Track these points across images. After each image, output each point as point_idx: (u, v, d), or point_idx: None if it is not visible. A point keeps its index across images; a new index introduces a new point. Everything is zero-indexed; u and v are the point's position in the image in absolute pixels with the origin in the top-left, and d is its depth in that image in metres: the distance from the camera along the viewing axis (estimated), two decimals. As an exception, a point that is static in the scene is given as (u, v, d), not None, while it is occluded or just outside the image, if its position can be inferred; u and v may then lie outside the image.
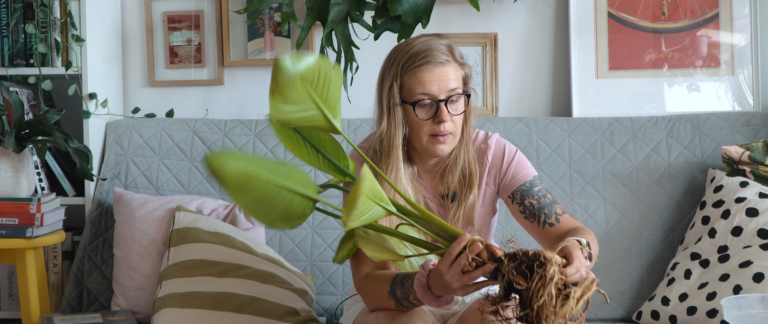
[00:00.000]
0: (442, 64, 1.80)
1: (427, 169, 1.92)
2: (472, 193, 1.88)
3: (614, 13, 2.75)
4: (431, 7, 2.22)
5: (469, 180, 1.88)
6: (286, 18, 2.33)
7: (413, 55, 1.80)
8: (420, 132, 1.82)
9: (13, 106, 2.40)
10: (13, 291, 2.69)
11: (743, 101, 2.71)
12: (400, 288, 1.67)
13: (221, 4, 2.83)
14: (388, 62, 1.85)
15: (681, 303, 2.28)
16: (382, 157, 1.85)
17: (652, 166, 2.56)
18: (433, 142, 1.82)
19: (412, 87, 1.80)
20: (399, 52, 1.84)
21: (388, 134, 1.84)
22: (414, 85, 1.80)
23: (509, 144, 1.94)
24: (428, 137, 1.82)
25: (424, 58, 1.79)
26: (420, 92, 1.79)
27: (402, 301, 1.68)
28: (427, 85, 1.79)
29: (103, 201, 2.62)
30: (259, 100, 2.87)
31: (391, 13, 2.20)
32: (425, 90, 1.79)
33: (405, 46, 1.84)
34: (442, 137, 1.81)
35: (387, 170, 1.84)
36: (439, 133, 1.80)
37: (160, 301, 2.25)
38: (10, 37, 2.63)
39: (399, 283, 1.67)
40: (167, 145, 2.69)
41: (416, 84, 1.79)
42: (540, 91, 2.82)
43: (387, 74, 1.84)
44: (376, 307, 1.77)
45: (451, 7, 2.79)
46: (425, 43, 1.82)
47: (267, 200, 1.40)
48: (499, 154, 1.92)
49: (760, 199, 2.31)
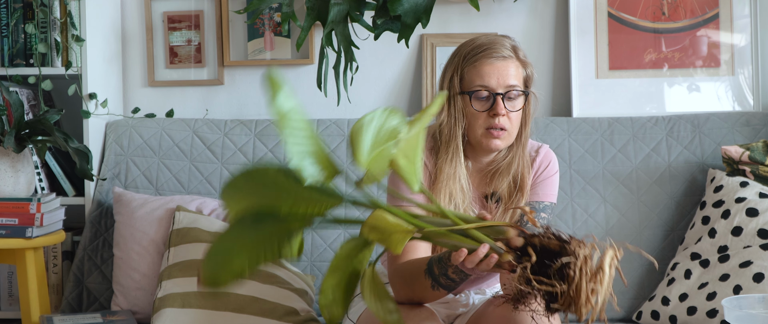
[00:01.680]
0: (504, 58, 1.82)
1: (479, 168, 1.92)
2: (523, 198, 1.88)
3: (614, 13, 2.75)
4: (431, 7, 2.22)
5: (520, 185, 1.88)
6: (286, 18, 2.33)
7: (476, 47, 1.84)
8: (475, 124, 1.83)
9: (13, 106, 2.40)
10: (13, 291, 2.69)
11: (743, 101, 2.71)
12: (438, 264, 1.66)
13: (221, 4, 2.83)
14: (452, 56, 1.88)
15: (681, 303, 2.28)
16: (441, 146, 1.86)
17: (652, 166, 2.56)
18: (486, 135, 1.82)
19: (471, 78, 1.82)
20: (462, 47, 1.87)
21: (449, 124, 1.85)
22: (473, 77, 1.82)
23: (555, 161, 1.95)
24: (483, 130, 1.83)
25: (486, 50, 1.82)
26: (478, 84, 1.81)
27: (439, 278, 1.67)
28: (485, 77, 1.81)
29: (103, 201, 2.62)
30: (259, 100, 2.87)
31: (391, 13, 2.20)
32: (483, 82, 1.81)
33: (470, 41, 1.87)
34: (495, 131, 1.82)
35: (446, 159, 1.85)
36: (493, 126, 1.81)
37: (160, 301, 2.25)
38: (10, 37, 2.63)
39: (436, 260, 1.67)
40: (167, 145, 2.69)
41: (475, 75, 1.82)
42: (540, 91, 2.80)
43: (449, 67, 1.87)
44: (408, 294, 1.76)
45: (451, 7, 2.79)
46: (490, 38, 1.86)
47: None
48: (543, 166, 1.92)
49: (760, 199, 2.31)
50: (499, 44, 1.84)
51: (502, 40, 1.86)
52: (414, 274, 1.73)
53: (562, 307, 1.37)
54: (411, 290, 1.75)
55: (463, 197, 1.85)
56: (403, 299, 1.78)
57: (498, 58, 1.82)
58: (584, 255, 1.36)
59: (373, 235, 1.37)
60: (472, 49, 1.84)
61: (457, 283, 1.67)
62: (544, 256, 1.39)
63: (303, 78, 2.86)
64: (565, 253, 1.37)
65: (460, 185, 1.85)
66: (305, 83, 2.85)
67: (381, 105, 2.84)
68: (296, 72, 2.86)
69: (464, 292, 1.96)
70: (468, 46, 1.86)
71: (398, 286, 1.79)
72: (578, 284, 1.35)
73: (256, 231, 1.34)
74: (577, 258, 1.36)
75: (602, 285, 1.36)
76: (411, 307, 1.76)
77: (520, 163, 1.88)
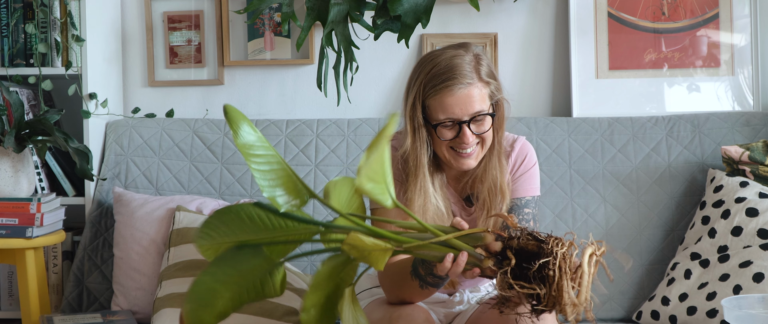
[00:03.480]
0: (467, 85, 1.77)
1: (455, 175, 1.91)
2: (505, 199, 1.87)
3: (614, 13, 2.75)
4: (431, 7, 2.22)
5: (500, 188, 1.86)
6: (286, 18, 2.33)
7: (436, 75, 1.78)
8: (443, 149, 1.82)
9: (13, 106, 2.40)
10: (13, 291, 2.69)
11: (743, 101, 2.71)
12: (422, 265, 1.66)
13: (221, 4, 2.83)
14: (413, 76, 1.83)
15: (681, 303, 2.28)
16: (409, 175, 1.84)
17: (652, 166, 2.56)
18: (456, 157, 1.82)
19: (435, 109, 1.78)
20: (423, 66, 1.81)
21: (414, 152, 1.83)
22: (436, 109, 1.78)
23: (532, 153, 1.93)
24: (451, 153, 1.82)
25: (447, 80, 1.76)
26: (442, 116, 1.78)
27: (425, 278, 1.66)
28: (448, 109, 1.77)
29: (103, 201, 2.62)
30: (258, 100, 2.87)
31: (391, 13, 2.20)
32: (447, 114, 1.78)
33: (429, 62, 1.81)
34: (465, 153, 1.80)
35: (415, 190, 1.82)
36: (462, 148, 1.80)
37: (160, 301, 2.25)
38: (10, 37, 2.63)
39: (420, 262, 1.67)
40: (167, 145, 2.69)
41: (438, 107, 1.78)
42: (540, 91, 2.81)
43: (411, 90, 1.82)
44: (398, 295, 1.76)
45: (451, 7, 2.79)
46: (449, 62, 1.78)
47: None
48: (519, 160, 1.91)
49: (760, 199, 2.31)
50: (459, 69, 1.77)
51: (462, 63, 1.78)
52: (401, 276, 1.73)
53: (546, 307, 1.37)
54: (401, 291, 1.75)
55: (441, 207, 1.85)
56: (395, 300, 1.78)
57: (460, 86, 1.76)
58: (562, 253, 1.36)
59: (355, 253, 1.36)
60: (432, 78, 1.78)
61: (444, 279, 1.67)
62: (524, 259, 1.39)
63: (303, 78, 2.86)
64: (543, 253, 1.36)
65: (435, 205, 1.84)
66: (305, 83, 2.85)
67: (381, 105, 2.84)
68: (296, 72, 2.86)
69: (459, 291, 1.96)
70: (427, 70, 1.79)
71: (388, 287, 1.79)
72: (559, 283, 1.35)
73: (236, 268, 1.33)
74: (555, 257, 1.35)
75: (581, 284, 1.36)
76: (406, 307, 1.76)
77: (496, 168, 1.86)
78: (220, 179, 2.64)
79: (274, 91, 2.87)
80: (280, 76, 2.87)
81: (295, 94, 2.86)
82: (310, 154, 2.64)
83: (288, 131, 2.68)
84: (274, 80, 2.87)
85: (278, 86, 2.87)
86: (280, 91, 2.87)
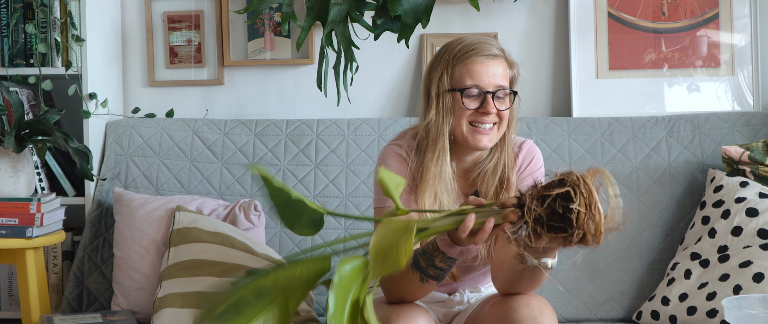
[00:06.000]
0: (494, 56, 1.84)
1: (463, 169, 1.92)
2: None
3: (614, 13, 2.75)
4: (431, 7, 2.21)
5: (507, 186, 1.88)
6: (286, 18, 2.33)
7: (465, 46, 1.85)
8: (463, 121, 1.83)
9: (13, 106, 2.40)
10: (13, 291, 2.69)
11: (743, 101, 2.71)
12: (423, 256, 1.67)
13: (221, 4, 2.83)
14: (439, 55, 1.88)
15: (681, 303, 2.28)
16: (428, 145, 1.86)
17: (652, 166, 2.56)
18: (473, 132, 1.83)
19: (462, 75, 1.83)
20: (450, 45, 1.88)
21: (436, 122, 1.85)
22: (464, 74, 1.82)
23: (539, 156, 1.95)
24: (470, 128, 1.83)
25: (477, 49, 1.83)
26: (469, 81, 1.82)
27: (427, 270, 1.67)
28: (476, 75, 1.82)
29: (103, 201, 2.62)
30: (259, 100, 2.87)
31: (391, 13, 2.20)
32: (474, 80, 1.82)
33: (457, 41, 1.88)
34: (483, 129, 1.82)
35: (433, 158, 1.84)
36: (482, 122, 1.82)
37: (160, 301, 2.25)
38: (10, 37, 2.63)
39: (421, 253, 1.68)
40: (167, 145, 2.69)
41: (466, 73, 1.82)
42: (540, 91, 2.81)
43: (437, 65, 1.87)
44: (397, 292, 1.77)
45: (451, 7, 2.79)
46: (478, 38, 1.87)
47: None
48: (527, 161, 1.92)
49: (760, 199, 2.31)
50: (489, 43, 1.85)
51: (491, 40, 1.88)
52: (402, 271, 1.73)
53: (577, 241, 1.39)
54: (401, 287, 1.75)
55: (448, 196, 1.85)
56: (396, 298, 1.79)
57: (488, 56, 1.83)
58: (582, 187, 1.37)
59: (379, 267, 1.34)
60: (462, 47, 1.85)
61: (445, 270, 1.68)
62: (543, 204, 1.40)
63: (303, 78, 2.86)
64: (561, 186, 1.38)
65: (445, 184, 1.84)
66: (305, 83, 2.85)
67: (381, 105, 2.84)
68: (296, 72, 2.86)
69: (459, 292, 1.96)
70: (457, 44, 1.86)
71: (388, 285, 1.79)
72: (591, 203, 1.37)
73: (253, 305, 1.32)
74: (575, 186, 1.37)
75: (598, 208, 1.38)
76: (404, 306, 1.76)
77: (504, 164, 1.89)
78: (220, 179, 2.64)
79: (274, 91, 2.87)
80: (280, 76, 2.87)
81: (295, 94, 2.86)
82: (310, 154, 2.64)
83: (288, 131, 2.68)
84: (274, 80, 2.87)
85: (278, 86, 2.87)
86: (280, 91, 2.87)
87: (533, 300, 1.74)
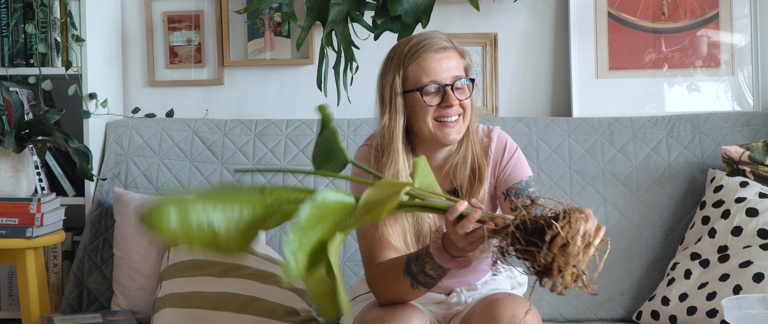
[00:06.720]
0: (445, 49, 1.82)
1: (435, 165, 1.91)
2: (483, 187, 1.88)
3: (614, 13, 2.75)
4: (431, 7, 2.22)
5: (479, 175, 1.88)
6: (286, 18, 2.33)
7: (414, 44, 1.83)
8: (426, 118, 1.82)
9: (13, 106, 2.40)
10: (13, 291, 2.69)
11: (743, 101, 2.71)
12: (415, 262, 1.67)
13: (221, 4, 2.83)
14: (388, 59, 1.87)
15: (681, 303, 2.28)
16: (383, 149, 1.86)
17: (652, 166, 2.56)
18: (441, 127, 1.82)
19: (417, 75, 1.81)
20: (398, 47, 1.86)
21: (390, 127, 1.84)
22: (419, 74, 1.81)
23: (510, 139, 1.95)
24: (436, 124, 1.82)
25: (426, 44, 1.82)
26: (426, 80, 1.80)
27: (418, 276, 1.67)
28: (431, 72, 1.80)
29: (103, 201, 2.62)
30: (259, 100, 2.87)
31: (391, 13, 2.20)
32: (430, 77, 1.80)
33: (403, 42, 1.86)
34: (449, 122, 1.82)
35: (388, 161, 1.83)
36: (447, 116, 1.81)
37: (160, 301, 2.25)
38: (10, 37, 2.63)
39: (413, 258, 1.68)
40: (167, 145, 2.69)
41: (421, 71, 1.81)
42: (540, 91, 2.82)
43: (388, 70, 1.85)
44: (389, 297, 1.76)
45: (451, 7, 2.79)
46: (423, 34, 1.85)
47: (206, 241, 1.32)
48: (501, 148, 1.92)
49: (760, 199, 2.31)
50: (436, 37, 1.84)
51: (437, 33, 1.86)
52: (392, 274, 1.73)
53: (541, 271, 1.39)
54: (391, 291, 1.75)
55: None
56: (386, 301, 1.78)
57: (439, 50, 1.81)
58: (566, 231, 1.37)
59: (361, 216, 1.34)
60: (411, 47, 1.83)
61: (436, 279, 1.67)
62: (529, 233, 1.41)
63: (303, 78, 2.86)
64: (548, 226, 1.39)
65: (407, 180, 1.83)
66: (305, 83, 2.85)
67: (381, 105, 2.83)
68: (296, 72, 2.86)
69: (455, 291, 1.95)
70: (405, 45, 1.85)
71: (379, 288, 1.79)
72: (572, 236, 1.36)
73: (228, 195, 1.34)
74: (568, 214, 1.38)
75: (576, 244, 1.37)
76: (399, 307, 1.75)
77: (473, 152, 1.89)
78: (220, 179, 2.64)
79: (274, 91, 2.87)
80: (280, 76, 2.87)
81: (295, 94, 2.86)
82: (310, 154, 2.64)
83: (288, 131, 2.68)
84: (274, 80, 2.87)
85: (278, 86, 2.87)
86: (280, 91, 2.87)
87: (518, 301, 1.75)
